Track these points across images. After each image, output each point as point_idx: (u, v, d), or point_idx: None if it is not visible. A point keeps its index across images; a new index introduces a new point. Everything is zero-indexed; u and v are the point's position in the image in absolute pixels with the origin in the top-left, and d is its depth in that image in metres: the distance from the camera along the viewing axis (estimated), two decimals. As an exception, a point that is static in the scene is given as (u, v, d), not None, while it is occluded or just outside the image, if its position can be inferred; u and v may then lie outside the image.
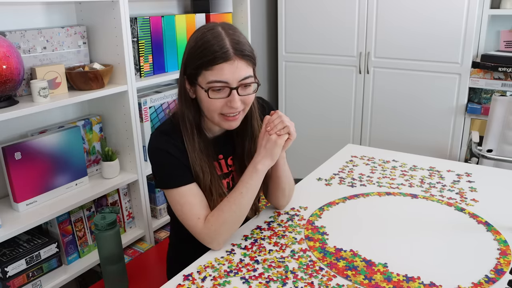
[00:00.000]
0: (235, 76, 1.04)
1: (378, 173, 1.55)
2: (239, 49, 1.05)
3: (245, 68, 1.06)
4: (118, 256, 1.36)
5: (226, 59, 1.03)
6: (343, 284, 0.97)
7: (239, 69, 1.04)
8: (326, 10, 2.71)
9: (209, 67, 1.04)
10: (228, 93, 1.06)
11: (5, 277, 1.41)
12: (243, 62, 1.05)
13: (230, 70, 1.04)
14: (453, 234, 1.15)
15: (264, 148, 1.11)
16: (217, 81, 1.04)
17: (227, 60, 1.03)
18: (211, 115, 1.11)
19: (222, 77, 1.04)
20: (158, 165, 1.14)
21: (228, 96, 1.06)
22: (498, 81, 2.33)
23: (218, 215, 1.09)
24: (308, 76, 2.90)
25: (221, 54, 1.03)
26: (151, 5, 2.04)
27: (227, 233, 1.11)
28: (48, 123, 1.71)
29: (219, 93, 1.06)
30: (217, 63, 1.03)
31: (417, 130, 2.61)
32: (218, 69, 1.03)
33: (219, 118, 1.10)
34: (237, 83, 1.05)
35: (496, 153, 2.14)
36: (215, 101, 1.07)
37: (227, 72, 1.03)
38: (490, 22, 2.51)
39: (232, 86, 1.05)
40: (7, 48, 1.35)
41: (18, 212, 1.48)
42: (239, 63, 1.04)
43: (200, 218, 1.10)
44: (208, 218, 1.10)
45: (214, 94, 1.06)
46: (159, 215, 2.01)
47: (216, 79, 1.04)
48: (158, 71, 1.94)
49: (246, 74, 1.06)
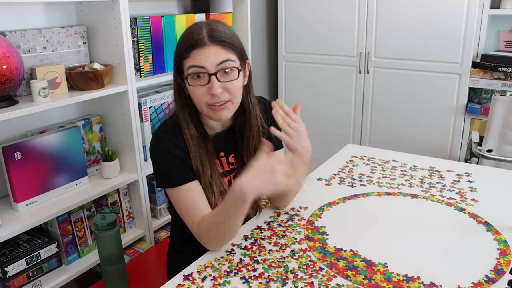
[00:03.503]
0: (210, 60, 1.06)
1: (378, 173, 1.55)
2: (214, 36, 1.07)
3: (222, 53, 1.07)
4: (118, 256, 1.36)
5: (200, 45, 1.06)
6: (343, 284, 0.97)
7: (215, 54, 1.06)
8: (326, 10, 2.71)
9: (186, 54, 1.07)
10: (207, 80, 1.07)
11: (5, 277, 1.41)
12: (219, 47, 1.07)
13: (205, 55, 1.06)
14: (453, 234, 1.15)
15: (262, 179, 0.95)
16: (193, 65, 1.06)
17: (201, 46, 1.06)
18: (200, 107, 1.11)
19: (197, 62, 1.06)
20: (158, 164, 1.15)
21: (208, 83, 1.07)
22: (498, 81, 2.33)
23: (207, 228, 1.07)
24: (308, 76, 2.90)
25: (196, 41, 1.06)
26: (151, 5, 2.04)
27: (218, 244, 1.10)
28: (48, 123, 1.71)
29: (199, 80, 1.07)
30: (192, 50, 1.06)
31: (417, 130, 2.61)
32: (194, 55, 1.06)
33: (207, 109, 1.11)
34: (214, 68, 1.06)
35: (496, 153, 2.14)
36: (197, 90, 1.08)
37: (202, 57, 1.06)
38: (490, 22, 2.51)
39: (209, 72, 1.06)
40: (7, 48, 1.35)
41: (18, 212, 1.48)
42: (215, 48, 1.06)
43: (194, 222, 1.10)
44: (200, 226, 1.08)
45: (194, 81, 1.08)
46: (159, 215, 2.01)
47: (192, 64, 1.06)
48: (158, 71, 1.94)
49: (223, 58, 1.07)
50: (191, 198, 1.11)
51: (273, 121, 1.29)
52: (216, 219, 1.05)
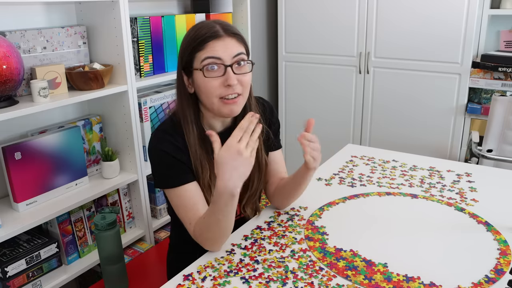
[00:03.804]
0: (227, 52, 1.06)
1: (378, 173, 1.55)
2: (228, 29, 1.09)
3: (237, 45, 1.09)
4: (118, 256, 1.36)
5: (216, 37, 1.06)
6: (343, 284, 0.97)
7: (231, 45, 1.07)
8: (326, 10, 2.71)
9: (201, 47, 1.07)
10: (223, 71, 1.07)
11: (5, 277, 1.41)
12: (234, 40, 1.09)
13: (221, 47, 1.06)
14: (453, 234, 1.15)
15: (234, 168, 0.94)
16: (210, 57, 1.06)
17: (218, 38, 1.06)
18: (211, 101, 1.10)
19: (214, 53, 1.06)
20: (156, 164, 1.15)
21: (223, 75, 1.07)
22: (498, 81, 2.33)
23: (202, 230, 1.07)
24: (308, 76, 2.90)
25: (211, 34, 1.06)
26: (151, 5, 2.04)
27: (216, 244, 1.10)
28: (48, 123, 1.71)
29: (214, 71, 1.07)
30: (208, 42, 1.06)
31: (417, 130, 2.61)
32: (210, 46, 1.06)
33: (218, 104, 1.10)
34: (230, 60, 1.07)
35: (496, 153, 2.14)
36: (212, 82, 1.07)
37: (218, 49, 1.06)
38: (490, 22, 2.51)
39: (226, 63, 1.06)
40: (7, 48, 1.35)
41: (18, 212, 1.48)
42: (230, 41, 1.08)
43: (191, 224, 1.10)
44: (195, 228, 1.08)
45: (209, 73, 1.07)
46: (159, 215, 2.01)
47: (209, 55, 1.06)
48: (158, 71, 1.94)
49: (238, 51, 1.08)
50: (189, 200, 1.10)
51: (272, 121, 1.30)
52: (209, 220, 1.04)
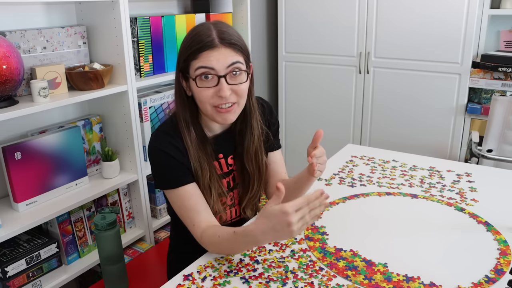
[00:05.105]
0: (221, 62, 1.05)
1: (378, 173, 1.55)
2: (225, 38, 1.06)
3: (232, 54, 1.07)
4: (118, 256, 1.36)
5: (211, 47, 1.05)
6: (343, 284, 0.97)
7: (225, 55, 1.05)
8: (326, 10, 2.71)
9: (196, 55, 1.06)
10: (216, 82, 1.06)
11: (5, 277, 1.41)
12: (229, 50, 1.06)
13: (215, 57, 1.05)
14: (453, 234, 1.15)
15: (275, 231, 0.91)
16: (203, 66, 1.05)
17: (212, 48, 1.05)
18: (204, 108, 1.10)
19: (207, 63, 1.05)
20: (156, 165, 1.15)
21: (217, 85, 1.06)
22: (498, 81, 2.33)
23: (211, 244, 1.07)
24: (308, 76, 2.90)
25: (206, 43, 1.05)
26: (151, 5, 2.04)
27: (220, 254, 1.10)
28: (48, 123, 1.71)
29: (207, 81, 1.06)
30: (202, 51, 1.05)
31: (417, 130, 2.61)
32: (204, 56, 1.05)
33: (212, 111, 1.10)
34: (224, 70, 1.06)
35: (496, 153, 2.14)
36: (204, 91, 1.07)
37: (212, 59, 1.05)
38: (490, 22, 2.51)
39: (219, 74, 1.05)
40: (7, 48, 1.35)
41: (18, 212, 1.48)
42: (225, 50, 1.06)
43: (195, 225, 1.09)
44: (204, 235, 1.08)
45: (202, 83, 1.07)
46: (159, 215, 2.01)
47: (202, 65, 1.05)
48: (158, 71, 1.94)
49: (233, 60, 1.06)
50: (190, 201, 1.10)
51: (271, 122, 1.30)
52: (223, 242, 1.03)
